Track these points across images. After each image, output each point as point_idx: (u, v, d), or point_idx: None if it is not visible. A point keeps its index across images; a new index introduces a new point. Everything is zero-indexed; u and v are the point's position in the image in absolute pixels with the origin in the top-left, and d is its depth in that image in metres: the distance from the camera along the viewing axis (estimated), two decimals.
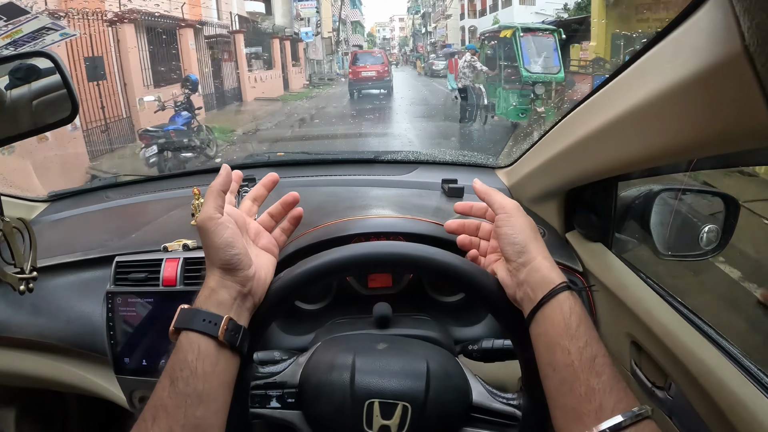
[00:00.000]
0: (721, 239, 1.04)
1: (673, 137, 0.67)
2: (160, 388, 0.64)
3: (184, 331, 0.68)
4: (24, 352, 1.34)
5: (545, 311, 0.69)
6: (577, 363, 0.63)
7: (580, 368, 0.63)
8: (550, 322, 0.69)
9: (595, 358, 0.63)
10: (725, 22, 0.50)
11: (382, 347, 0.88)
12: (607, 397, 0.60)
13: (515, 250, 0.75)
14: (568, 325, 0.66)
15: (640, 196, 1.08)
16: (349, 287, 1.26)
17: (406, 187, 1.61)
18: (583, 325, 0.66)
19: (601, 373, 0.61)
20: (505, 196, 0.84)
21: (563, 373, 0.65)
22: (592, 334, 0.66)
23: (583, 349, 0.64)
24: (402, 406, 0.78)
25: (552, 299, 0.69)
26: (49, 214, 1.72)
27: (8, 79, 0.89)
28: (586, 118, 0.91)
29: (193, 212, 1.37)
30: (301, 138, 11.44)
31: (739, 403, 0.71)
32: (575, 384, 0.62)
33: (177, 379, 0.63)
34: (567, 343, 0.65)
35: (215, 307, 0.69)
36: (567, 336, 0.66)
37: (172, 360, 0.66)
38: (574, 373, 0.63)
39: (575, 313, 0.67)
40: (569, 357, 0.64)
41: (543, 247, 0.76)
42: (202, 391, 0.64)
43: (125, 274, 1.20)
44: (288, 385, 0.85)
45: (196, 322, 0.67)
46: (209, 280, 0.72)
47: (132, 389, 1.21)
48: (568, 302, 0.68)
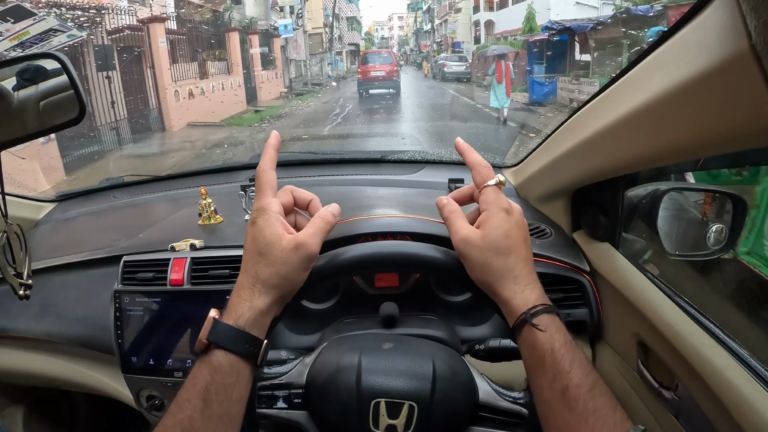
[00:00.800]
0: (729, 239, 1.03)
1: (680, 136, 0.67)
2: (189, 407, 0.60)
3: (223, 350, 0.63)
4: (32, 351, 1.36)
5: (519, 337, 0.66)
6: (549, 398, 0.61)
7: (553, 403, 0.60)
8: (523, 350, 0.66)
9: (564, 392, 0.59)
10: (732, 21, 0.50)
11: (388, 347, 0.88)
12: (585, 427, 0.57)
13: (487, 278, 0.69)
14: (538, 358, 0.63)
15: (647, 196, 1.08)
16: (356, 287, 1.26)
17: (413, 186, 1.61)
18: (550, 356, 0.62)
19: (573, 407, 0.58)
20: (488, 176, 0.75)
21: (540, 408, 0.63)
22: (561, 366, 0.61)
23: (553, 383, 0.61)
24: (408, 405, 0.78)
25: (522, 329, 0.65)
26: (57, 214, 1.73)
27: (16, 80, 0.89)
28: (593, 117, 0.90)
29: (200, 212, 1.38)
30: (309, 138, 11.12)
31: (747, 403, 0.71)
32: (551, 418, 0.61)
33: (211, 402, 0.60)
34: (540, 379, 0.63)
35: (257, 331, 0.65)
36: (538, 370, 0.63)
37: (207, 380, 0.61)
38: (549, 408, 0.61)
39: (541, 345, 0.63)
40: (542, 393, 0.62)
41: (520, 260, 0.69)
42: (234, 414, 0.63)
43: (133, 273, 1.21)
44: (294, 385, 0.85)
45: (240, 346, 0.63)
46: (259, 302, 0.65)
47: (139, 388, 1.21)
48: (531, 335, 0.64)
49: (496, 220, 0.69)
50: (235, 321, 0.64)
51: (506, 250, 0.67)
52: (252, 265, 0.66)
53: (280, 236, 0.66)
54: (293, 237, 0.66)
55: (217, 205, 1.39)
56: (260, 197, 0.69)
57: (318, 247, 0.68)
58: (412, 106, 17.99)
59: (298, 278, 0.68)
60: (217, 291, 1.15)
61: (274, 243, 0.65)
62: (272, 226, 0.66)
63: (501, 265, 0.67)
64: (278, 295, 0.66)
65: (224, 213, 1.40)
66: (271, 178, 0.70)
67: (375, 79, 20.89)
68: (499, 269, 0.67)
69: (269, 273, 0.65)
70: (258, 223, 0.67)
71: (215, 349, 0.62)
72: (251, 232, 0.68)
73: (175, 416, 0.59)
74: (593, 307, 1.11)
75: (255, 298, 0.65)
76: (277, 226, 0.66)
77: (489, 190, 0.73)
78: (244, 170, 1.87)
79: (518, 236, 0.69)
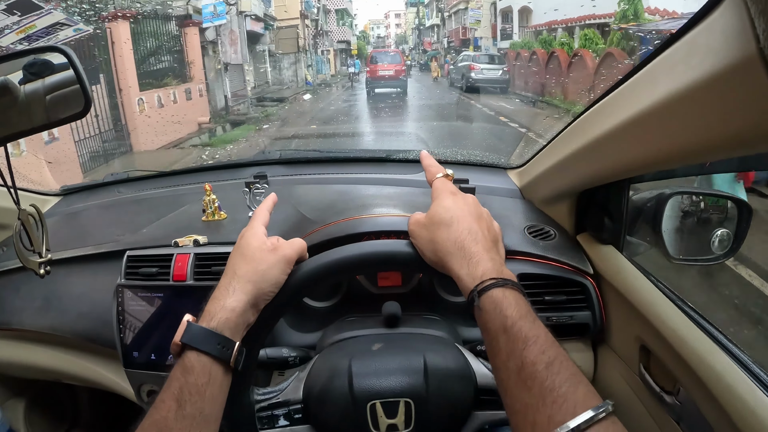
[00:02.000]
0: (733, 244, 1.03)
1: (687, 139, 0.66)
2: (164, 408, 0.61)
3: (195, 351, 0.64)
4: (35, 344, 1.36)
5: (475, 316, 0.63)
6: (505, 378, 0.58)
7: (509, 382, 0.57)
8: (480, 329, 0.63)
9: (519, 371, 0.55)
10: (740, 25, 0.49)
11: (377, 347, 0.88)
12: (540, 411, 0.52)
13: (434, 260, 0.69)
14: (491, 337, 0.60)
15: (652, 199, 1.08)
16: (359, 285, 1.26)
17: (417, 186, 1.61)
18: (503, 334, 0.58)
19: (530, 386, 0.54)
20: (436, 171, 0.77)
21: (499, 389, 0.60)
22: (514, 344, 0.57)
23: (507, 362, 0.57)
24: (404, 402, 0.78)
25: (473, 308, 0.63)
26: (62, 208, 1.74)
27: (22, 73, 0.90)
28: (599, 119, 0.90)
29: (204, 208, 1.38)
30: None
31: (748, 409, 0.70)
32: (508, 398, 0.57)
33: (185, 402, 0.61)
34: (495, 359, 0.60)
35: (230, 332, 0.66)
36: (493, 349, 0.60)
37: (180, 381, 0.62)
38: (505, 388, 0.58)
39: (492, 323, 0.60)
40: (498, 373, 0.59)
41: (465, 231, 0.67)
42: (208, 414, 0.63)
43: (136, 268, 1.21)
44: (292, 401, 0.85)
45: (212, 346, 0.64)
46: (232, 300, 0.67)
47: (140, 383, 1.22)
48: (482, 314, 0.61)
49: (439, 200, 0.72)
50: (208, 322, 0.66)
51: (448, 222, 0.68)
52: (231, 267, 0.71)
53: (262, 242, 0.73)
54: (274, 243, 0.73)
55: (221, 202, 1.39)
56: (250, 224, 0.76)
57: (295, 256, 0.73)
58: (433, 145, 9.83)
59: (274, 277, 0.70)
60: None
61: (254, 245, 0.72)
62: (258, 237, 0.73)
63: (445, 237, 0.67)
64: (253, 293, 0.68)
65: (228, 209, 1.41)
66: (263, 215, 0.79)
67: (382, 78, 20.77)
68: (444, 243, 0.67)
69: (246, 269, 0.69)
70: (245, 236, 0.74)
71: (188, 350, 0.64)
72: (237, 245, 0.74)
73: (151, 417, 0.61)
74: (596, 310, 1.11)
75: (229, 297, 0.67)
76: (260, 235, 0.74)
77: (437, 181, 0.76)
78: (249, 167, 1.87)
79: (462, 209, 0.70)
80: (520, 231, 1.23)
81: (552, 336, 0.58)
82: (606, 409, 0.51)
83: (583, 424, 0.49)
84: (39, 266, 0.87)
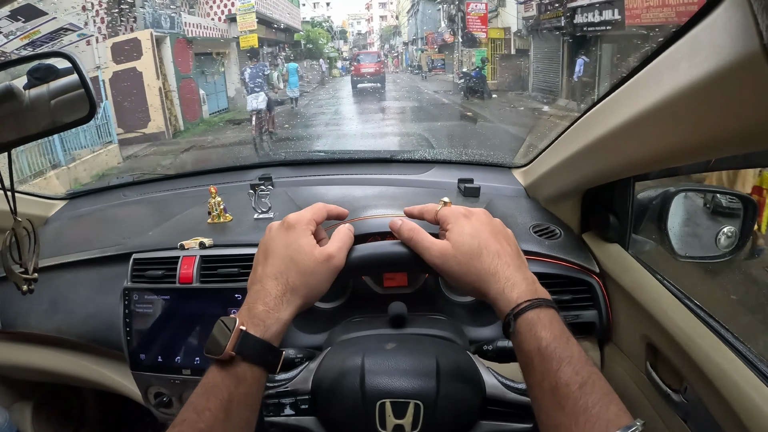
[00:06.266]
0: (739, 241, 1.03)
1: (691, 137, 0.66)
2: (210, 417, 0.59)
3: (248, 362, 0.63)
4: (42, 347, 1.37)
5: (510, 337, 0.65)
6: (540, 397, 0.59)
7: (544, 402, 0.59)
8: (515, 350, 0.65)
9: (554, 391, 0.57)
10: (743, 21, 0.49)
11: (391, 347, 0.88)
12: (573, 431, 0.55)
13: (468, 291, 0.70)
14: (526, 358, 0.62)
15: (657, 197, 1.08)
16: (365, 286, 1.26)
17: (422, 186, 1.61)
18: (537, 355, 0.60)
19: (563, 406, 0.56)
20: (432, 208, 0.77)
21: (534, 407, 0.62)
22: (548, 364, 0.59)
23: (542, 383, 0.59)
24: (414, 404, 0.78)
25: (509, 331, 0.64)
26: (68, 212, 1.74)
27: (27, 79, 0.90)
28: (603, 117, 0.90)
29: (209, 210, 1.38)
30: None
31: (756, 407, 0.70)
32: (543, 417, 0.59)
33: (233, 413, 0.61)
34: (529, 378, 0.62)
35: (278, 342, 0.66)
36: (527, 370, 0.62)
37: (231, 391, 0.61)
38: (540, 407, 0.60)
39: (527, 345, 0.61)
40: (533, 392, 0.61)
41: (493, 255, 0.68)
42: (252, 420, 0.64)
43: (142, 271, 1.22)
44: (300, 391, 0.85)
45: (266, 359, 0.65)
46: (286, 314, 0.66)
47: (147, 385, 1.22)
48: (517, 337, 0.63)
49: (458, 226, 0.70)
50: (263, 333, 0.64)
51: (478, 251, 0.68)
52: (284, 270, 0.67)
53: (313, 246, 0.69)
54: (324, 249, 0.70)
55: (226, 204, 1.39)
56: (301, 213, 0.73)
57: (344, 261, 0.71)
58: None
59: (322, 289, 0.70)
60: (226, 289, 1.15)
61: (307, 252, 0.68)
62: (306, 235, 0.70)
63: (479, 267, 0.67)
64: (301, 304, 0.68)
65: (233, 212, 1.41)
66: (321, 212, 0.75)
67: (365, 75, 23.69)
68: (479, 273, 0.67)
69: (300, 282, 0.67)
70: (294, 230, 0.70)
71: (241, 361, 0.63)
72: (285, 237, 0.70)
73: (194, 426, 0.59)
74: (602, 309, 1.10)
75: (282, 309, 0.66)
76: (310, 237, 0.70)
77: (442, 210, 0.75)
78: (254, 169, 1.87)
79: (484, 232, 0.70)
80: (525, 230, 1.23)
81: (585, 354, 0.59)
82: (638, 428, 0.53)
83: None
84: (23, 282, 0.85)
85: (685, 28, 0.63)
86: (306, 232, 0.70)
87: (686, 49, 0.63)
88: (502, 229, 0.73)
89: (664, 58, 0.70)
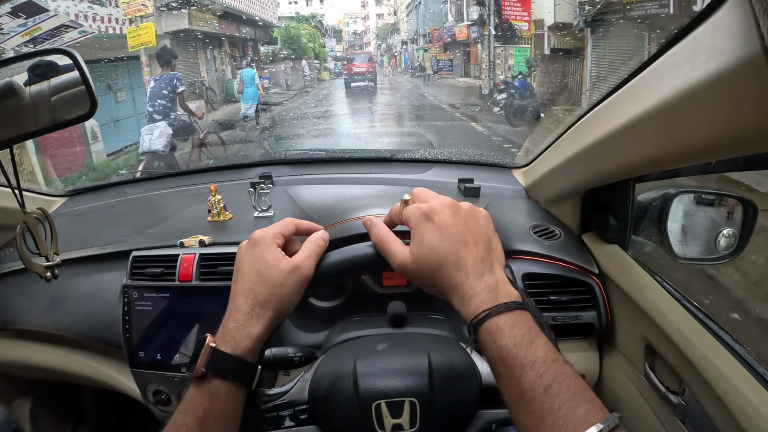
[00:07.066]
0: (739, 243, 1.03)
1: (691, 139, 0.66)
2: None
3: (221, 378, 0.64)
4: (41, 344, 1.37)
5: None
6: (509, 402, 0.59)
7: (512, 407, 0.59)
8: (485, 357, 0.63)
9: (520, 396, 0.57)
10: (744, 23, 0.49)
11: (382, 348, 0.89)
12: (544, 430, 0.54)
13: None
14: (492, 366, 0.61)
15: (657, 199, 1.07)
16: (365, 285, 1.26)
17: (422, 186, 1.61)
18: (500, 363, 0.59)
19: (530, 410, 0.55)
20: (395, 212, 0.77)
21: (509, 411, 0.61)
22: (512, 371, 0.58)
23: (508, 388, 0.59)
24: (409, 402, 0.78)
25: (477, 333, 0.63)
26: (68, 209, 1.74)
27: (28, 75, 0.90)
28: (604, 118, 0.90)
29: (209, 208, 1.38)
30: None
31: (754, 409, 0.70)
32: (514, 421, 0.59)
33: (209, 426, 0.62)
34: (499, 384, 0.61)
35: (252, 357, 0.66)
36: (495, 377, 0.62)
37: (205, 406, 0.63)
38: (510, 411, 0.59)
39: (490, 354, 0.61)
40: (503, 398, 0.60)
41: (452, 269, 0.66)
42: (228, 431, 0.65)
43: (141, 268, 1.22)
44: (298, 402, 0.86)
45: (238, 373, 0.65)
46: (256, 328, 0.67)
47: (146, 383, 1.22)
48: (482, 345, 0.62)
49: (418, 234, 0.68)
50: (233, 349, 0.65)
51: (436, 265, 0.66)
52: (251, 287, 0.68)
53: (278, 259, 0.69)
54: (290, 260, 0.70)
55: (226, 202, 1.39)
56: (267, 228, 0.73)
57: (312, 270, 0.71)
58: None
59: (293, 299, 0.69)
60: (225, 287, 1.15)
61: (273, 266, 0.68)
62: (272, 249, 0.70)
63: (437, 282, 0.67)
64: (273, 317, 0.68)
65: (233, 210, 1.41)
66: (288, 226, 0.74)
67: (357, 74, 24.78)
68: (437, 285, 0.67)
69: (268, 295, 0.67)
70: (259, 245, 0.71)
71: (213, 377, 0.64)
72: (251, 254, 0.71)
73: None
74: (601, 310, 1.10)
75: (252, 324, 0.66)
76: (276, 250, 0.70)
77: (404, 211, 0.73)
78: (254, 167, 1.88)
79: (447, 240, 0.66)
80: (525, 230, 1.23)
81: (552, 354, 0.58)
82: (608, 425, 0.51)
83: None
84: (45, 270, 0.86)
85: (687, 29, 0.62)
86: (271, 246, 0.70)
87: (687, 51, 0.63)
88: (472, 224, 0.69)
89: (665, 59, 0.69)
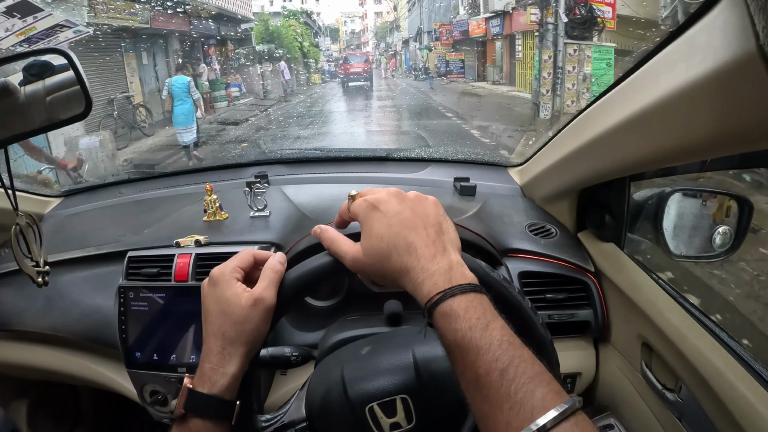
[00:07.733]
0: (735, 241, 1.03)
1: (687, 137, 0.66)
2: None
3: (201, 419, 0.65)
4: (37, 345, 1.36)
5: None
6: (465, 387, 0.58)
7: (468, 392, 0.57)
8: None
9: (476, 381, 0.56)
10: (739, 22, 0.49)
11: (366, 350, 0.88)
12: (498, 419, 0.53)
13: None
14: (448, 351, 0.60)
15: (653, 197, 1.08)
16: (361, 284, 1.26)
17: (418, 185, 1.61)
18: (455, 348, 0.58)
19: (486, 395, 0.54)
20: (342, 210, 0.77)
21: (466, 397, 0.59)
22: (466, 356, 0.57)
23: (463, 374, 0.58)
24: (400, 399, 0.78)
25: (432, 318, 0.62)
26: (63, 209, 1.74)
27: (23, 75, 0.90)
28: (599, 116, 0.90)
29: (205, 208, 1.38)
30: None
31: (750, 406, 0.70)
32: (472, 407, 0.58)
33: None
34: (455, 369, 0.60)
35: (230, 394, 0.67)
36: (451, 361, 0.60)
37: None
38: (467, 397, 0.58)
39: (444, 340, 0.60)
40: (460, 383, 0.59)
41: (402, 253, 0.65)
42: None
43: (137, 269, 1.21)
44: (297, 421, 0.85)
45: (216, 412, 0.66)
46: (231, 366, 0.67)
47: (143, 383, 1.22)
48: (438, 329, 0.61)
49: (367, 226, 0.69)
50: (210, 389, 0.66)
51: (386, 253, 0.66)
52: (218, 327, 0.69)
53: (238, 295, 0.69)
54: (250, 294, 0.69)
55: (222, 202, 1.39)
56: (225, 264, 0.73)
57: (274, 297, 0.70)
58: None
59: (261, 332, 0.70)
60: None
61: (234, 303, 0.68)
62: (232, 286, 0.70)
63: (389, 269, 0.66)
64: (246, 352, 0.68)
65: (229, 209, 1.41)
66: (246, 258, 0.75)
67: (354, 74, 25.83)
68: (390, 273, 0.66)
69: (236, 332, 0.68)
70: (219, 284, 0.71)
71: (193, 417, 0.65)
72: (213, 294, 0.71)
73: None
74: (598, 308, 1.11)
75: (227, 363, 0.67)
76: (235, 285, 0.70)
77: (352, 206, 0.74)
78: (250, 167, 1.87)
79: (394, 226, 0.67)
80: (521, 229, 1.23)
81: (509, 338, 0.57)
82: (566, 410, 0.50)
83: (546, 426, 0.49)
84: (37, 275, 0.86)
85: (682, 28, 0.63)
86: (231, 283, 0.70)
87: (683, 50, 0.63)
88: (420, 209, 0.69)
89: (661, 58, 0.70)
